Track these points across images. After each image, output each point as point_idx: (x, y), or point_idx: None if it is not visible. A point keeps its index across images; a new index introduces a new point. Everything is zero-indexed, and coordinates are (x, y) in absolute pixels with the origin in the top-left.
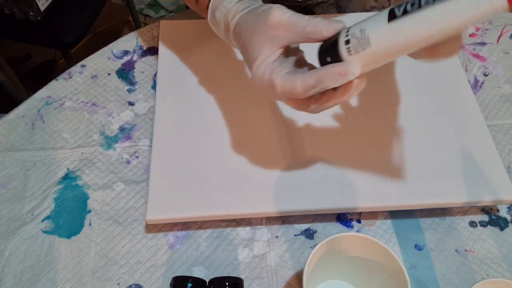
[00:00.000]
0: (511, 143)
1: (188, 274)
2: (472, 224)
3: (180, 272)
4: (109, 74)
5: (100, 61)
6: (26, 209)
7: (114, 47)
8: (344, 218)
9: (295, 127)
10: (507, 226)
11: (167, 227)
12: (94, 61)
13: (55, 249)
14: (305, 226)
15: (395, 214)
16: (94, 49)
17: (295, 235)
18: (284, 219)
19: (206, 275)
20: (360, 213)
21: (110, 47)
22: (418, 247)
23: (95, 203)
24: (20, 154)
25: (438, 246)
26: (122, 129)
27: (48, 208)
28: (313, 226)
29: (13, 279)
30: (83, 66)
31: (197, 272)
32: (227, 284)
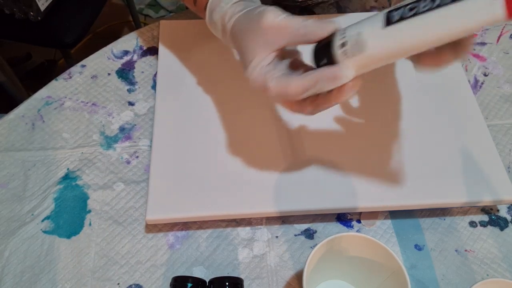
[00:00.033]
0: (511, 143)
1: (188, 274)
2: (472, 224)
3: (180, 272)
4: (109, 74)
5: (100, 61)
6: (26, 209)
7: (114, 47)
8: (344, 218)
9: (295, 127)
10: (507, 226)
11: (167, 227)
12: (94, 61)
13: (55, 249)
14: (305, 226)
15: (395, 214)
16: (94, 49)
17: (295, 235)
18: (284, 219)
19: (206, 275)
20: (360, 213)
21: (110, 47)
22: (418, 247)
23: (95, 203)
24: (20, 154)
25: (438, 246)
26: (122, 129)
27: (48, 208)
28: (313, 226)
29: (13, 279)
30: (83, 66)
31: (197, 272)
32: (227, 284)
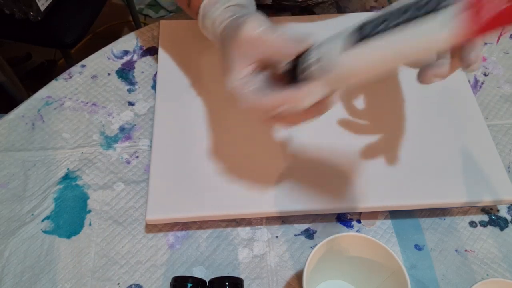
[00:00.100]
0: (511, 143)
1: (188, 274)
2: (472, 224)
3: (180, 272)
4: (109, 74)
5: (100, 61)
6: (26, 209)
7: (114, 47)
8: (344, 218)
9: (295, 127)
10: (507, 226)
11: (167, 227)
12: (94, 61)
13: (55, 249)
14: (305, 226)
15: (395, 214)
16: (94, 49)
17: (295, 235)
18: (284, 219)
19: (206, 275)
20: (360, 213)
21: (110, 47)
22: (418, 247)
23: (95, 203)
24: (20, 154)
25: (438, 246)
26: (122, 129)
27: (48, 208)
28: (313, 226)
29: (13, 279)
30: (83, 66)
31: (197, 272)
32: (227, 284)
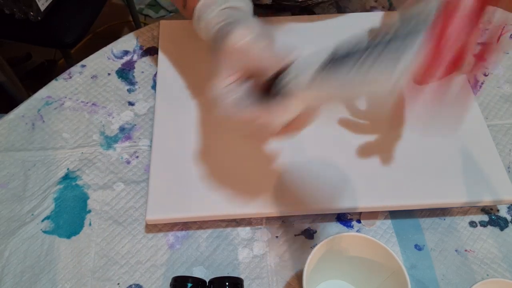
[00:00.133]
0: (511, 143)
1: (188, 274)
2: (472, 224)
3: (180, 272)
4: (109, 74)
5: (100, 61)
6: (26, 209)
7: (114, 47)
8: (344, 218)
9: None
10: (507, 226)
11: (167, 227)
12: (94, 61)
13: (55, 249)
14: (305, 226)
15: (395, 214)
16: (94, 49)
17: (295, 235)
18: (284, 219)
19: (206, 275)
20: (360, 213)
21: (110, 47)
22: (418, 247)
23: (95, 203)
24: (20, 154)
25: (438, 246)
26: (122, 129)
27: (48, 208)
28: (313, 226)
29: (13, 279)
30: (83, 66)
31: (197, 272)
32: (227, 284)
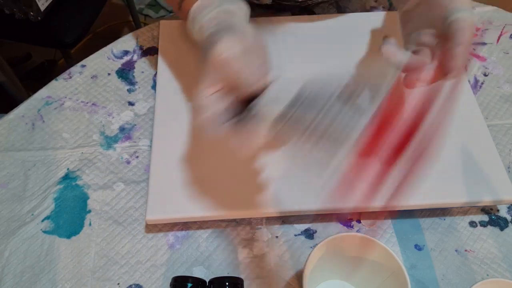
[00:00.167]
0: (511, 143)
1: (188, 274)
2: (472, 224)
3: (180, 272)
4: (109, 74)
5: (100, 61)
6: (26, 209)
7: (114, 47)
8: (344, 218)
9: None
10: (507, 226)
11: (167, 227)
12: (94, 61)
13: (55, 249)
14: (305, 226)
15: (395, 214)
16: (94, 49)
17: (295, 235)
18: (284, 219)
19: (206, 275)
20: (360, 213)
21: (110, 47)
22: (418, 247)
23: (95, 203)
24: (20, 154)
25: (438, 246)
26: (122, 129)
27: (48, 208)
28: (313, 226)
29: (13, 279)
30: (83, 66)
31: (197, 272)
32: (227, 284)
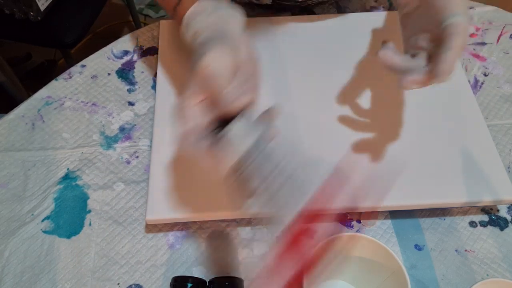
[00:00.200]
0: (511, 143)
1: (188, 274)
2: (472, 224)
3: (180, 272)
4: (109, 74)
5: (100, 61)
6: (26, 209)
7: (114, 47)
8: (344, 218)
9: (295, 127)
10: (507, 226)
11: (167, 227)
12: (94, 61)
13: (55, 249)
14: (305, 226)
15: (395, 214)
16: (94, 49)
17: None
18: None
19: (206, 275)
20: (360, 213)
21: (110, 47)
22: (418, 247)
23: (95, 203)
24: (20, 154)
25: (438, 246)
26: (122, 129)
27: (48, 208)
28: (313, 226)
29: (13, 279)
30: (83, 66)
31: (197, 272)
32: (227, 284)
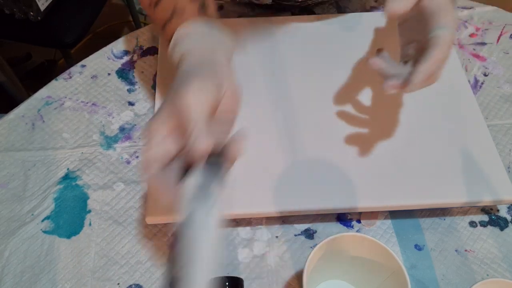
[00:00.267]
0: (511, 143)
1: None
2: (472, 224)
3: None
4: (109, 74)
5: (100, 61)
6: (26, 209)
7: (114, 47)
8: (344, 218)
9: (295, 127)
10: (507, 226)
11: (167, 227)
12: (94, 61)
13: (55, 249)
14: (305, 226)
15: (395, 214)
16: (94, 49)
17: (295, 235)
18: (284, 219)
19: None
20: (360, 213)
21: (110, 47)
22: (418, 247)
23: (95, 203)
24: (20, 154)
25: (438, 246)
26: (122, 129)
27: (48, 208)
28: (313, 226)
29: (13, 279)
30: (83, 66)
31: None
32: (227, 284)
